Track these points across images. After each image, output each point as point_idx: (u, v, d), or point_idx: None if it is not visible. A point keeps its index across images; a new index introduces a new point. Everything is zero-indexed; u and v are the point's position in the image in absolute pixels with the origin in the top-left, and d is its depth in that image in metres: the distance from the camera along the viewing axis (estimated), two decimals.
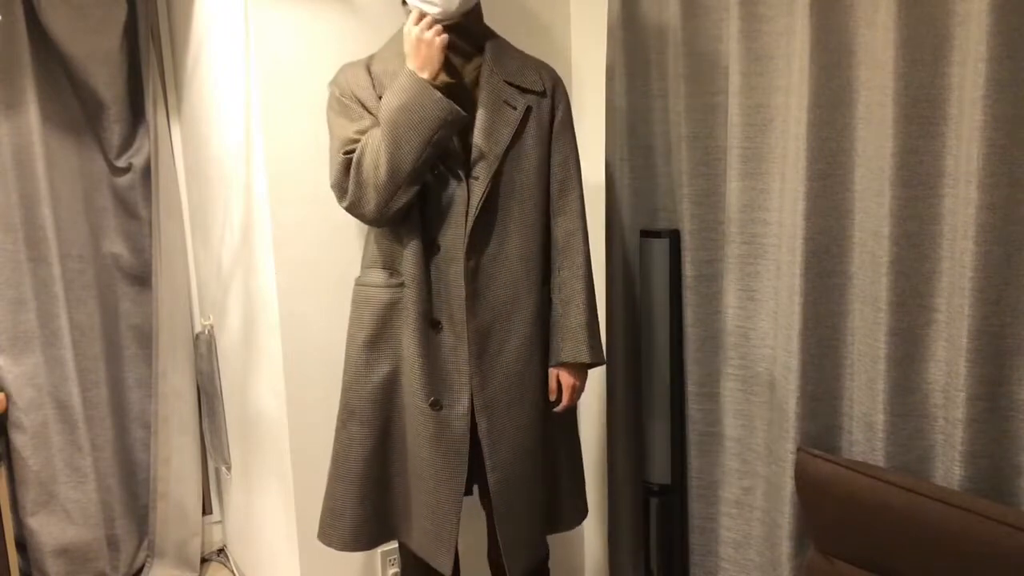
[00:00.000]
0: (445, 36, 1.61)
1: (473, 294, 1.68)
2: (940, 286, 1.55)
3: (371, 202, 1.63)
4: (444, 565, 1.70)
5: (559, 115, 1.78)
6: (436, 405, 1.68)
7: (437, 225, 1.68)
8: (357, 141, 1.66)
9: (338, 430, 1.77)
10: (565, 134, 1.79)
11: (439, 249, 1.68)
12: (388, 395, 1.74)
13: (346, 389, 1.76)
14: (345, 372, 1.77)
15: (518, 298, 1.72)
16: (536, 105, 1.74)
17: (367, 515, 1.76)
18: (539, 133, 1.74)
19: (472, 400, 1.69)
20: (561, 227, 1.78)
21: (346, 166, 1.65)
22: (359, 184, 1.63)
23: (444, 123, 1.59)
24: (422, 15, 1.63)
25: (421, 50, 1.60)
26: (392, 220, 1.67)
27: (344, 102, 1.71)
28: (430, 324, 1.69)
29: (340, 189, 1.67)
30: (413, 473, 1.74)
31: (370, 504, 1.76)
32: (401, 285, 1.70)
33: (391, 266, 1.72)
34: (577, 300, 1.76)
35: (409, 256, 1.68)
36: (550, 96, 1.77)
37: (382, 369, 1.73)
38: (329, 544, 1.77)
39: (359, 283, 1.77)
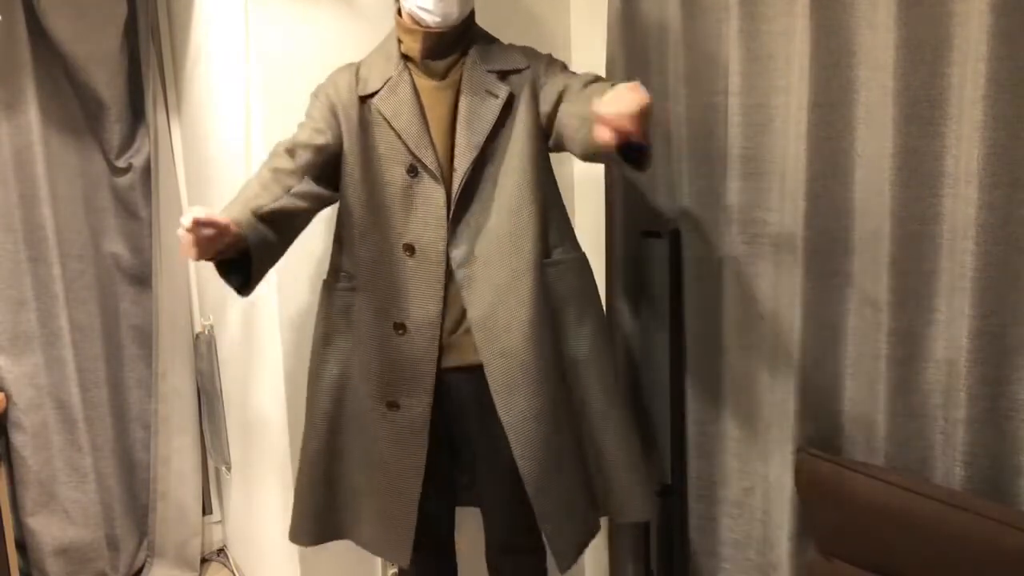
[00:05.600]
0: (192, 251, 1.43)
1: (467, 285, 1.66)
2: (940, 286, 1.55)
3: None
4: (402, 558, 1.72)
5: (542, 70, 1.72)
6: (393, 406, 1.69)
7: (413, 228, 1.66)
8: (294, 144, 1.69)
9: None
10: (553, 67, 1.73)
11: (414, 252, 1.66)
12: (337, 396, 1.75)
13: (307, 387, 1.81)
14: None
15: (515, 279, 1.66)
16: (519, 86, 1.69)
17: (309, 511, 1.79)
18: (527, 114, 1.69)
19: (435, 399, 1.68)
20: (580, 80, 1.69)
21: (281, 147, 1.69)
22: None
23: None
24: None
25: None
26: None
27: (312, 101, 1.75)
28: (392, 327, 1.68)
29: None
30: (368, 472, 1.75)
31: (314, 501, 1.78)
32: (353, 290, 1.72)
33: (345, 269, 1.74)
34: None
35: (365, 262, 1.69)
36: (532, 67, 1.72)
37: (332, 371, 1.75)
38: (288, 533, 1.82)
39: (323, 286, 1.78)
